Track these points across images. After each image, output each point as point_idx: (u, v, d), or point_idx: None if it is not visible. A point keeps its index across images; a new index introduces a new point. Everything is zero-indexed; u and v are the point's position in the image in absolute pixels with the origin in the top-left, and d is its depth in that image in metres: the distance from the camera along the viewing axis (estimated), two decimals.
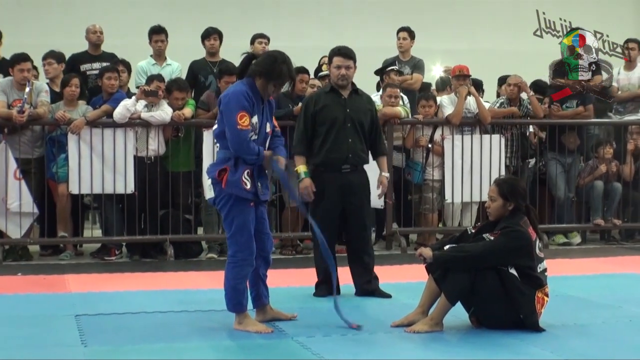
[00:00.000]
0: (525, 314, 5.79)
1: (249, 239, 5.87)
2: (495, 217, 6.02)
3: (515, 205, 5.94)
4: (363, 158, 7.32)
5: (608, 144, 11.05)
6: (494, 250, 5.77)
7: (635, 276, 8.49)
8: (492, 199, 6.01)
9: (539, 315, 5.86)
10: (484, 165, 10.30)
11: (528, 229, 5.89)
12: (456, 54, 13.77)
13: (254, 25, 12.24)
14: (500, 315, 5.82)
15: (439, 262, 5.85)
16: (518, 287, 5.75)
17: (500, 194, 5.96)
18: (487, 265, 5.74)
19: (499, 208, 5.97)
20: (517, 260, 5.80)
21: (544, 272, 5.97)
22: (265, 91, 5.91)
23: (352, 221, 7.30)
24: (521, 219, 5.91)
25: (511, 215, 5.93)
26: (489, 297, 5.75)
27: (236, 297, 5.91)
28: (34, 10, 14.29)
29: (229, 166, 5.83)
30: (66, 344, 5.56)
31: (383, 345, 5.60)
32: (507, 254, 5.77)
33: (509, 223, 5.88)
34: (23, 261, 9.46)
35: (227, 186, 5.81)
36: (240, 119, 5.72)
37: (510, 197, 5.94)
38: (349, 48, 7.33)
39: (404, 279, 7.79)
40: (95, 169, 9.45)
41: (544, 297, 5.89)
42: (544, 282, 5.92)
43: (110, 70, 9.74)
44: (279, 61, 5.88)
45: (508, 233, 5.81)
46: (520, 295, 5.75)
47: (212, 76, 10.56)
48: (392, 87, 10.17)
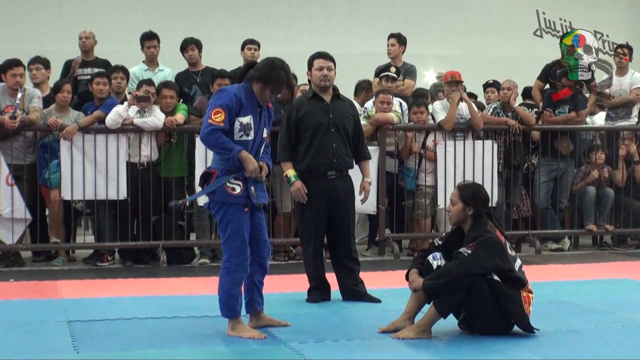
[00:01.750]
0: (516, 318, 5.81)
1: (242, 245, 5.86)
2: (454, 221, 6.05)
3: (475, 211, 5.94)
4: (348, 162, 7.35)
5: (600, 150, 11.07)
6: (475, 263, 5.75)
7: (627, 282, 8.50)
8: (452, 202, 6.04)
9: (529, 314, 5.87)
10: (476, 170, 10.31)
11: (496, 232, 5.91)
12: (448, 59, 13.83)
13: (245, 31, 12.25)
14: (492, 321, 5.83)
15: (430, 292, 5.84)
16: (504, 292, 5.75)
17: (460, 197, 5.99)
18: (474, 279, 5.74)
19: (458, 212, 5.99)
20: (498, 264, 5.79)
21: (520, 268, 5.98)
22: (262, 96, 5.92)
23: (337, 227, 7.33)
24: (487, 224, 5.93)
25: (476, 223, 5.94)
26: (479, 305, 5.75)
27: (230, 303, 5.89)
28: (26, 16, 14.28)
29: (216, 171, 5.83)
30: (58, 350, 5.54)
31: (375, 350, 5.60)
32: (487, 262, 5.75)
33: (477, 232, 5.88)
34: (15, 267, 9.42)
35: (215, 194, 5.83)
36: (215, 114, 5.74)
37: (470, 201, 5.95)
38: (328, 53, 7.38)
39: (396, 284, 7.74)
40: (87, 175, 9.43)
41: (528, 295, 5.91)
42: (525, 280, 5.94)
43: (100, 76, 9.74)
44: (277, 67, 5.89)
45: (482, 242, 5.80)
46: (510, 300, 5.76)
47: (196, 86, 10.59)
48: (385, 94, 10.17)
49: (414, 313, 6.00)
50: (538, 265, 9.60)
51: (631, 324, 6.34)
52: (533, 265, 9.60)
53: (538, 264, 9.69)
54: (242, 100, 5.82)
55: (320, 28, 15.23)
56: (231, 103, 5.77)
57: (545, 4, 16.26)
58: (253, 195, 5.89)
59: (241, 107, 5.81)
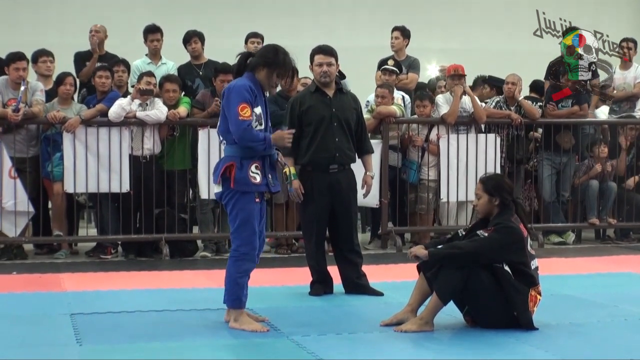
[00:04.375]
0: (519, 311, 5.78)
1: (251, 234, 5.89)
2: (483, 214, 6.07)
3: (501, 200, 5.96)
4: (350, 156, 7.35)
5: (603, 144, 11.07)
6: (489, 246, 5.77)
7: (630, 275, 8.50)
8: (478, 197, 6.07)
9: (532, 313, 5.86)
10: (479, 164, 10.30)
11: (519, 225, 5.91)
12: (452, 53, 13.80)
13: (248, 24, 12.22)
14: (495, 313, 5.81)
15: (434, 259, 5.82)
16: (512, 284, 5.75)
17: (485, 190, 6.01)
18: (482, 261, 5.74)
19: (485, 204, 6.01)
20: (511, 256, 5.80)
21: (536, 270, 5.98)
22: (269, 82, 5.98)
23: (339, 221, 7.34)
24: (511, 216, 5.93)
25: (501, 212, 5.96)
26: (483, 295, 5.74)
27: (236, 292, 5.91)
28: (29, 10, 14.28)
29: (235, 162, 5.84)
30: (61, 343, 5.55)
31: (378, 344, 5.60)
32: (501, 249, 5.78)
33: (500, 219, 5.90)
34: (18, 260, 9.44)
35: (235, 185, 5.83)
36: (242, 110, 5.76)
37: (495, 192, 5.97)
38: (329, 46, 7.37)
39: (399, 278, 7.78)
40: (90, 168, 9.44)
41: (537, 296, 5.89)
42: (537, 281, 5.93)
43: (103, 69, 9.74)
44: (281, 52, 5.95)
45: (501, 229, 5.83)
46: (515, 292, 5.75)
47: (199, 79, 10.59)
48: (381, 88, 10.18)
49: (417, 305, 6.00)
50: (541, 259, 9.52)
51: (634, 318, 6.34)
52: (536, 258, 9.61)
53: (541, 258, 9.62)
54: (255, 92, 5.87)
55: (323, 21, 15.22)
56: (251, 96, 5.82)
57: (545, 4, 16.23)
58: (271, 183, 5.95)
59: (255, 99, 5.87)
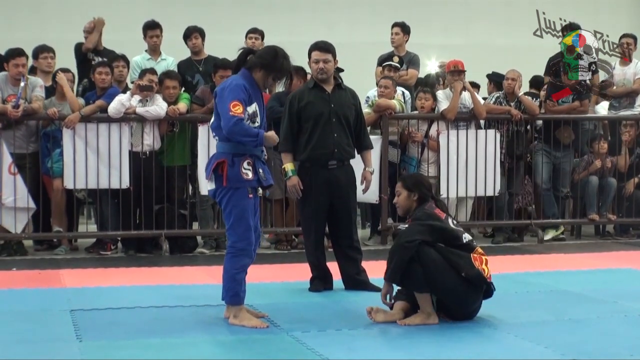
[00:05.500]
0: (465, 270, 5.85)
1: (247, 229, 5.90)
2: (403, 210, 6.25)
3: (419, 195, 6.14)
4: (349, 152, 7.35)
5: (602, 139, 11.06)
6: (412, 232, 5.92)
7: (630, 271, 8.50)
8: (397, 193, 6.25)
9: (484, 272, 5.91)
10: (479, 160, 10.31)
11: (434, 211, 6.06)
12: (451, 49, 13.80)
13: (247, 19, 12.25)
14: (451, 285, 5.85)
15: (391, 276, 5.98)
16: (452, 251, 5.90)
17: (404, 186, 6.21)
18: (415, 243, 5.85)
19: (404, 200, 6.20)
20: (437, 235, 5.93)
21: (471, 242, 6.07)
22: (264, 83, 6.02)
23: (339, 217, 7.34)
24: (426, 204, 6.11)
25: (418, 206, 6.13)
26: (433, 269, 5.81)
27: (234, 288, 5.92)
28: (28, 5, 14.27)
29: (226, 158, 5.85)
30: (61, 339, 5.55)
31: (378, 340, 5.61)
32: (424, 230, 5.91)
33: (416, 211, 6.11)
34: (18, 256, 9.44)
35: (228, 182, 5.85)
36: (233, 107, 5.79)
37: (413, 187, 6.17)
38: (327, 42, 7.35)
39: None
40: (90, 164, 9.44)
41: (480, 256, 5.99)
42: (474, 246, 6.04)
43: (102, 65, 9.74)
44: (280, 55, 5.97)
45: (417, 217, 6.04)
46: (457, 257, 5.87)
47: (199, 75, 10.59)
48: (385, 79, 10.20)
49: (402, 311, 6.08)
50: (540, 255, 9.62)
51: (633, 314, 6.34)
52: (535, 254, 9.64)
53: (540, 254, 9.70)
54: (249, 90, 5.88)
55: (322, 17, 15.21)
56: (245, 96, 5.84)
57: (545, 4, 16.25)
58: (262, 177, 5.97)
59: (249, 97, 5.87)
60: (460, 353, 5.30)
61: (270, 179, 6.10)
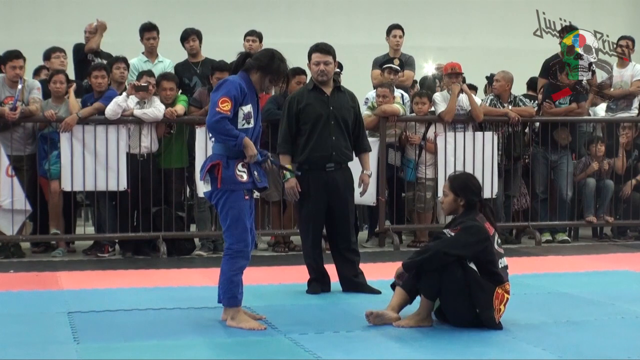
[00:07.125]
0: (481, 308, 5.79)
1: (243, 231, 5.91)
2: (447, 212, 6.19)
3: (466, 201, 6.02)
4: (347, 155, 7.34)
5: (600, 142, 11.07)
6: (454, 244, 5.82)
7: (627, 273, 8.50)
8: (444, 194, 6.15)
9: (497, 311, 5.84)
10: (476, 162, 10.31)
11: (485, 224, 5.95)
12: (449, 51, 13.80)
13: (245, 22, 12.24)
14: (462, 311, 5.84)
15: (408, 268, 5.93)
16: (477, 281, 5.78)
17: (451, 189, 6.08)
18: (449, 260, 5.78)
19: (450, 203, 6.09)
20: (477, 254, 5.84)
21: (505, 268, 6.00)
22: (260, 85, 6.03)
23: (336, 219, 7.33)
24: (476, 214, 5.99)
25: (466, 212, 6.02)
26: (452, 291, 5.78)
27: (231, 290, 5.92)
28: (26, 8, 14.27)
29: (221, 160, 5.86)
30: (59, 341, 5.55)
31: (375, 342, 5.60)
32: (466, 247, 5.81)
33: (464, 218, 5.97)
34: (15, 258, 9.43)
35: (223, 184, 5.86)
36: (222, 103, 5.81)
37: (461, 192, 6.03)
38: (327, 44, 7.35)
39: None
40: (87, 166, 9.43)
41: (504, 294, 5.89)
42: (505, 279, 5.94)
43: (98, 69, 9.73)
44: (277, 58, 6.01)
45: (466, 228, 5.88)
46: (479, 289, 5.77)
47: (197, 77, 10.59)
48: (382, 87, 10.19)
49: (397, 308, 6.05)
50: (538, 257, 9.61)
51: (631, 316, 6.35)
52: (533, 256, 9.63)
53: (538, 256, 9.70)
54: (245, 90, 5.89)
55: (320, 19, 15.23)
56: (237, 93, 5.86)
57: (545, 4, 16.24)
58: (257, 179, 5.97)
59: (244, 97, 5.89)
60: (458, 355, 5.30)
61: (265, 181, 6.10)
